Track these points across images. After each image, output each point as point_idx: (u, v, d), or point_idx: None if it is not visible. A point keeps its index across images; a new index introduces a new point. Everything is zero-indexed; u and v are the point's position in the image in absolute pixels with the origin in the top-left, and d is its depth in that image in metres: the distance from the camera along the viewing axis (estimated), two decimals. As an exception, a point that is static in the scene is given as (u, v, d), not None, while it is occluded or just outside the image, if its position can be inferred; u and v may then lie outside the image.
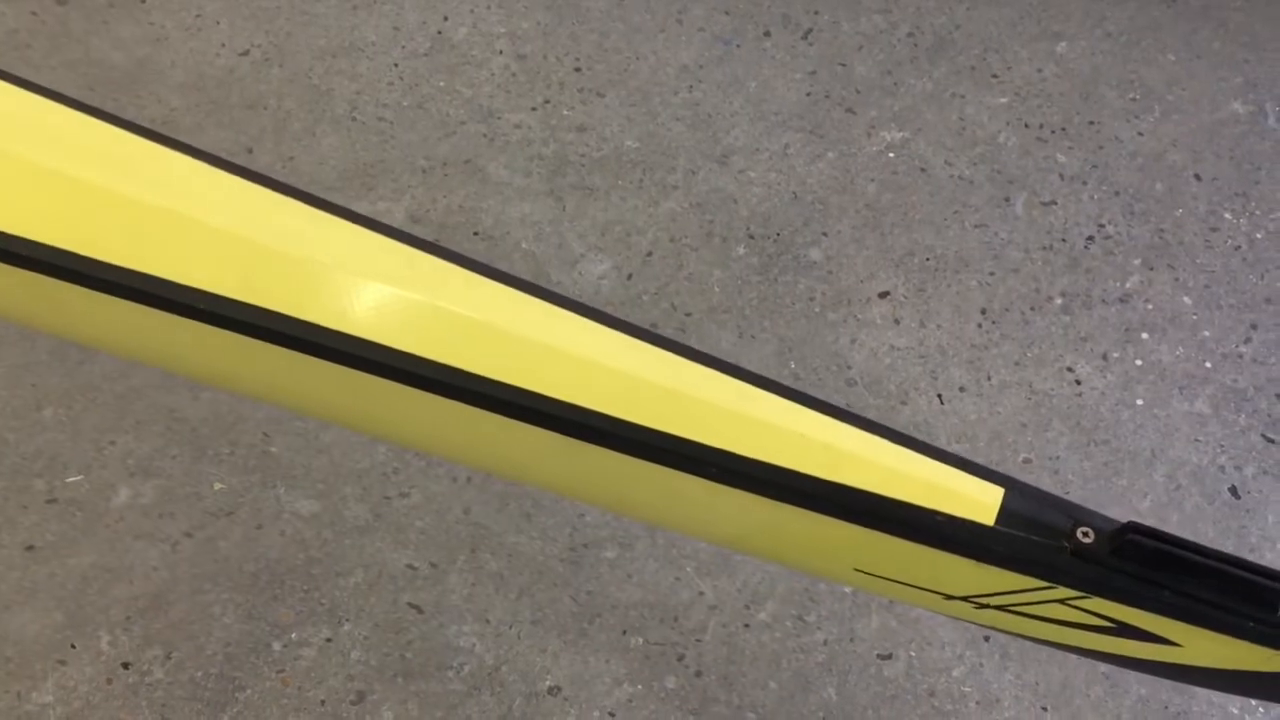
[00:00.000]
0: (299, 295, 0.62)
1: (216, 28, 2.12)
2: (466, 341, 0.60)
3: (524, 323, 0.62)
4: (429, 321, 0.61)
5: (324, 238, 0.66)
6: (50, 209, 0.64)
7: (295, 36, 2.11)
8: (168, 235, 0.63)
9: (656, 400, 0.59)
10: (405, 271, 0.64)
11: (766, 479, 0.56)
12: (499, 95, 2.03)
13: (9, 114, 0.70)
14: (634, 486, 0.63)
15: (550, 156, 1.94)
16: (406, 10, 2.15)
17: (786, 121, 1.98)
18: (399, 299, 0.62)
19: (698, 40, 2.10)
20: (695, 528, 0.69)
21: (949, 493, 0.56)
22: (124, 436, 1.61)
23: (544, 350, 0.60)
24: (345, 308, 0.61)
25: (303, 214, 0.67)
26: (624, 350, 0.62)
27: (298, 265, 0.63)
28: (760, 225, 1.84)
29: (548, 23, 2.13)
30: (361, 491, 1.56)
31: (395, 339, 0.60)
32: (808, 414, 0.59)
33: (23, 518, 1.54)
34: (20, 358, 1.68)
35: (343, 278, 0.63)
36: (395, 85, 2.04)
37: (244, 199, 0.68)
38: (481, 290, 0.63)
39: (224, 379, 0.76)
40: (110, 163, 0.68)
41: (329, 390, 0.64)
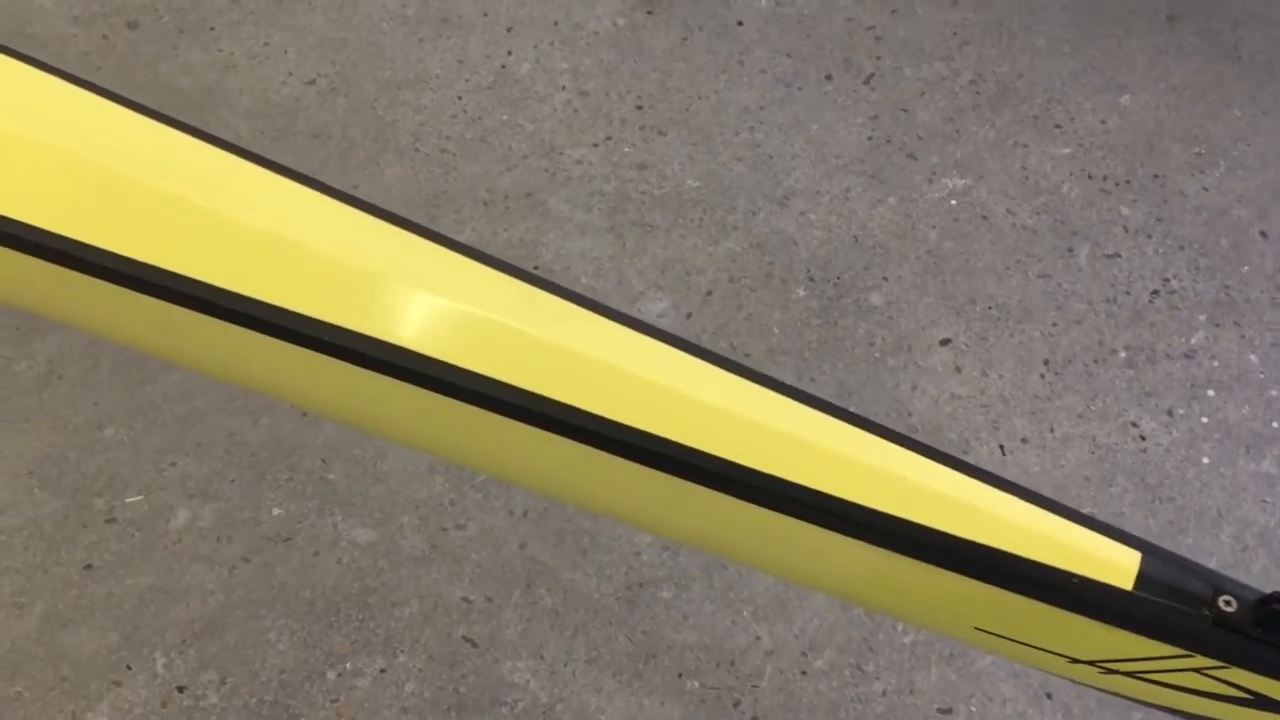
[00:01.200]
0: (401, 321, 0.62)
1: (284, 56, 2.15)
2: (586, 381, 0.60)
3: (647, 364, 0.62)
4: (548, 359, 0.61)
5: (436, 267, 0.66)
6: (160, 232, 0.64)
7: (361, 67, 2.14)
8: (284, 262, 0.63)
9: (784, 447, 0.58)
10: (517, 304, 0.64)
11: (904, 535, 0.55)
12: (561, 131, 2.04)
13: (108, 129, 0.70)
14: (751, 534, 0.62)
15: (611, 193, 1.95)
16: (471, 44, 2.17)
17: (848, 165, 1.98)
18: (517, 335, 0.61)
19: (759, 82, 2.11)
20: (810, 577, 0.68)
21: (1085, 555, 0.55)
22: (184, 458, 1.61)
23: (676, 397, 0.60)
24: (460, 341, 0.61)
25: (397, 237, 0.67)
26: (744, 393, 0.62)
27: (398, 289, 0.62)
28: (820, 268, 1.84)
29: (610, 60, 2.15)
30: (418, 522, 1.56)
31: (510, 375, 0.60)
32: (937, 468, 0.58)
33: (82, 536, 1.54)
34: (83, 376, 1.69)
35: (453, 306, 0.62)
36: (459, 118, 2.06)
37: (344, 222, 0.68)
38: (597, 328, 0.63)
39: (320, 405, 0.75)
40: (215, 185, 0.68)
41: (444, 425, 0.64)
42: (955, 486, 0.57)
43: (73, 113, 0.70)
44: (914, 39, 2.17)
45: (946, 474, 0.58)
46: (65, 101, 0.70)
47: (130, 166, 0.66)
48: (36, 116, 0.68)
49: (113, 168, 0.65)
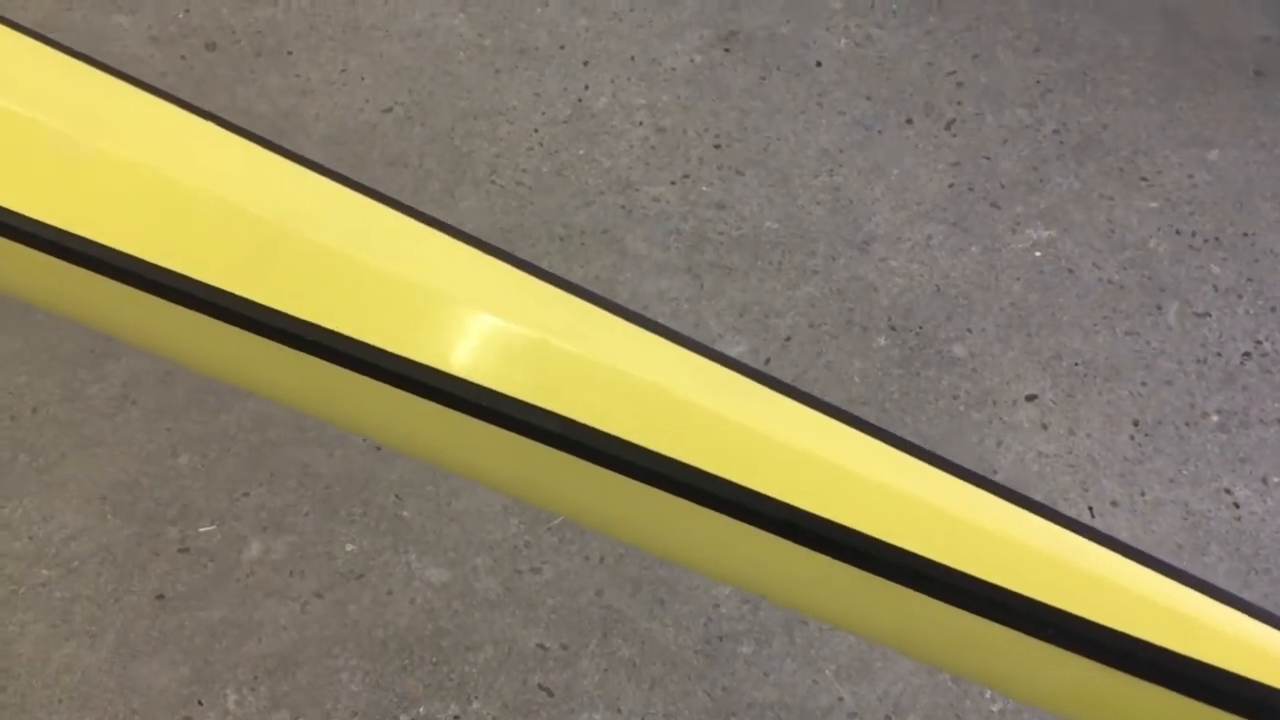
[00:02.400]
0: (487, 359, 0.58)
1: (360, 83, 2.14)
2: (695, 430, 0.57)
3: (804, 433, 0.59)
4: (648, 403, 0.58)
5: (522, 296, 0.63)
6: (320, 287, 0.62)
7: (437, 96, 2.13)
8: (374, 293, 0.60)
9: (969, 539, 0.55)
10: (618, 341, 0.61)
11: (1117, 648, 0.52)
12: (638, 167, 2.02)
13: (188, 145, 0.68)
14: (921, 627, 0.59)
15: (689, 232, 1.93)
16: (547, 77, 2.16)
17: (929, 212, 1.95)
18: (618, 376, 0.58)
19: (839, 124, 2.09)
20: (922, 652, 0.64)
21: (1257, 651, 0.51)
22: (258, 489, 1.60)
23: (801, 456, 0.57)
24: (557, 386, 0.58)
25: (476, 262, 0.65)
26: (911, 471, 0.58)
27: (475, 320, 0.59)
28: (902, 317, 1.81)
29: (688, 97, 2.13)
30: (493, 563, 1.54)
31: (612, 423, 0.57)
32: (1128, 565, 0.55)
33: (154, 565, 1.53)
34: (158, 402, 1.68)
35: (557, 346, 0.59)
36: (535, 151, 2.05)
37: (432, 249, 0.65)
38: (693, 366, 0.60)
39: (405, 442, 0.71)
40: (314, 214, 0.65)
41: (537, 471, 0.61)
42: (1155, 588, 0.54)
43: (149, 123, 0.68)
44: (996, 85, 2.14)
45: (1134, 569, 0.54)
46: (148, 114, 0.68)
47: (223, 188, 0.63)
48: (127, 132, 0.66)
49: (207, 192, 0.63)
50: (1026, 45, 2.21)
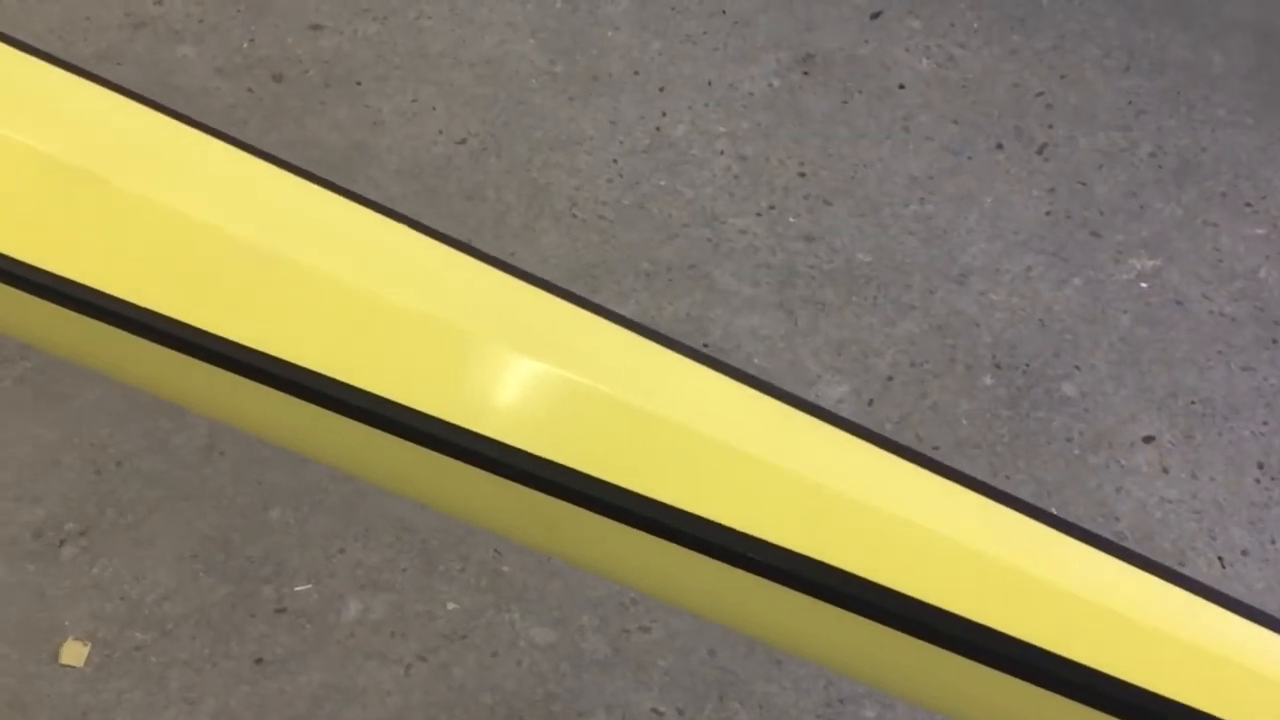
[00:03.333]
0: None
1: (433, 114, 2.09)
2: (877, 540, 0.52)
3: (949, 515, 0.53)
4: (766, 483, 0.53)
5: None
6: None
7: (512, 126, 2.08)
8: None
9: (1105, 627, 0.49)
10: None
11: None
12: (722, 198, 1.97)
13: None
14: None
15: (779, 266, 1.87)
16: (624, 104, 2.11)
17: (1027, 242, 1.89)
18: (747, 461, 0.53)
19: (926, 150, 2.03)
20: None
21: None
22: (353, 544, 1.55)
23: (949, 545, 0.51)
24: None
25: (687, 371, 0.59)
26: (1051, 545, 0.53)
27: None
28: (1007, 354, 1.75)
29: (768, 123, 2.08)
30: (599, 622, 1.48)
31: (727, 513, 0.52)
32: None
33: (251, 627, 1.48)
34: (244, 452, 1.63)
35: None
36: (615, 182, 1.99)
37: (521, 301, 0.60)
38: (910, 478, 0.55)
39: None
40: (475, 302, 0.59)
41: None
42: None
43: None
44: (1087, 107, 2.07)
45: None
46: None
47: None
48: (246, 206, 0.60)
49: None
50: (1115, 64, 2.14)
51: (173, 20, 2.23)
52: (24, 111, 0.63)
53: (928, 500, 0.54)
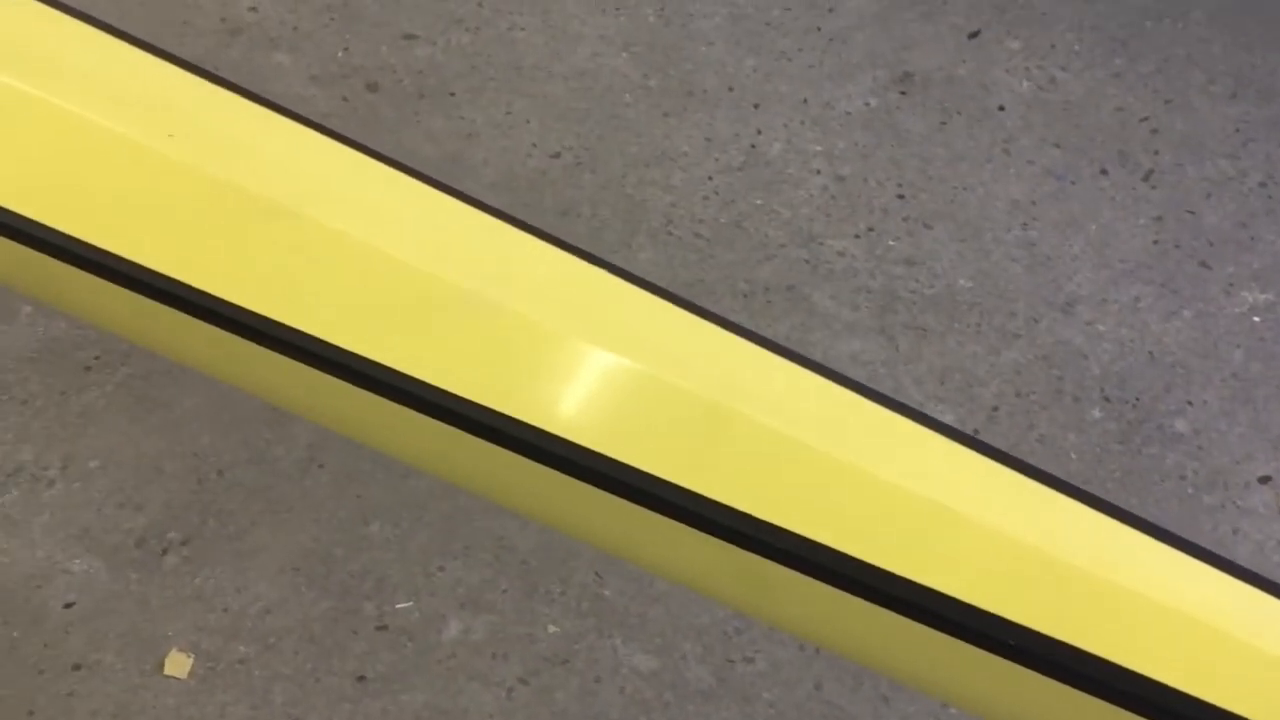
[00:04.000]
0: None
1: (526, 126, 2.09)
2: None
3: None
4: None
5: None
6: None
7: (606, 141, 2.06)
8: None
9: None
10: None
11: None
12: (819, 218, 1.94)
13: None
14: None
15: (878, 290, 1.84)
16: (718, 121, 2.09)
17: (1134, 271, 1.85)
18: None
19: (1028, 173, 1.99)
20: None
21: None
22: (453, 562, 1.54)
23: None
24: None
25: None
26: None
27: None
28: (1116, 387, 1.71)
29: (865, 143, 2.05)
30: (702, 651, 1.46)
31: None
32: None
33: (353, 644, 1.47)
34: (344, 465, 1.63)
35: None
36: (711, 200, 1.97)
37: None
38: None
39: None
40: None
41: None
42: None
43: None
44: (1193, 133, 2.03)
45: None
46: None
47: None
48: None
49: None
50: (1222, 90, 2.09)
51: (268, 27, 2.24)
52: (220, 146, 0.62)
53: (1107, 549, 0.52)
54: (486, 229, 0.61)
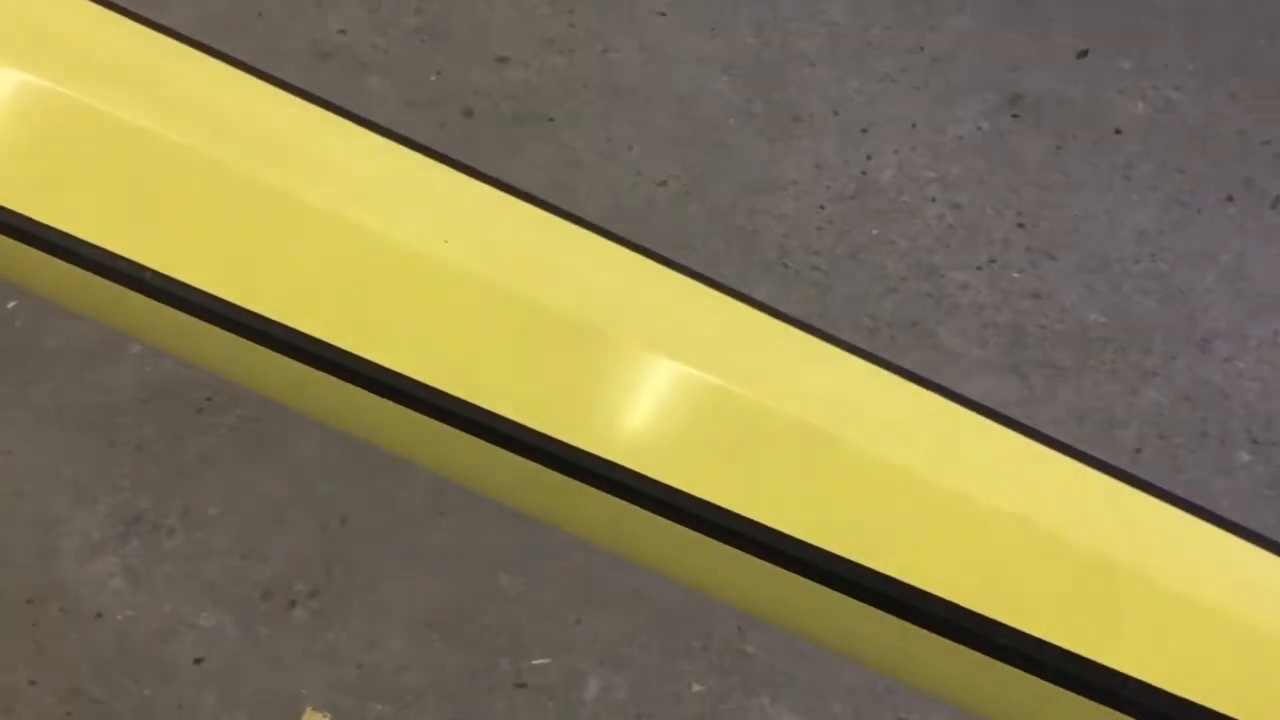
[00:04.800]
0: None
1: (629, 154, 2.04)
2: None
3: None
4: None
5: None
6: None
7: (712, 168, 2.01)
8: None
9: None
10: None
11: None
12: (939, 249, 1.89)
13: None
14: None
15: (1006, 325, 1.79)
16: (825, 146, 2.03)
17: (1271, 305, 1.79)
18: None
19: (1152, 201, 1.93)
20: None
21: None
22: (589, 615, 1.50)
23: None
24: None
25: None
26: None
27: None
28: (1262, 428, 1.65)
29: (980, 169, 1.99)
30: (853, 712, 1.42)
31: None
32: None
33: (492, 701, 1.43)
34: (468, 513, 1.59)
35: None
36: (825, 230, 1.92)
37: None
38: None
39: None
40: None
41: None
42: None
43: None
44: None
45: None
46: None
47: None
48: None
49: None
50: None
51: (358, 51, 2.20)
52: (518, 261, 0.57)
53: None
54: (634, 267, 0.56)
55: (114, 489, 1.61)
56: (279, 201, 0.54)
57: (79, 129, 0.55)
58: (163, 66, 0.59)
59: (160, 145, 0.54)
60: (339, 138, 0.59)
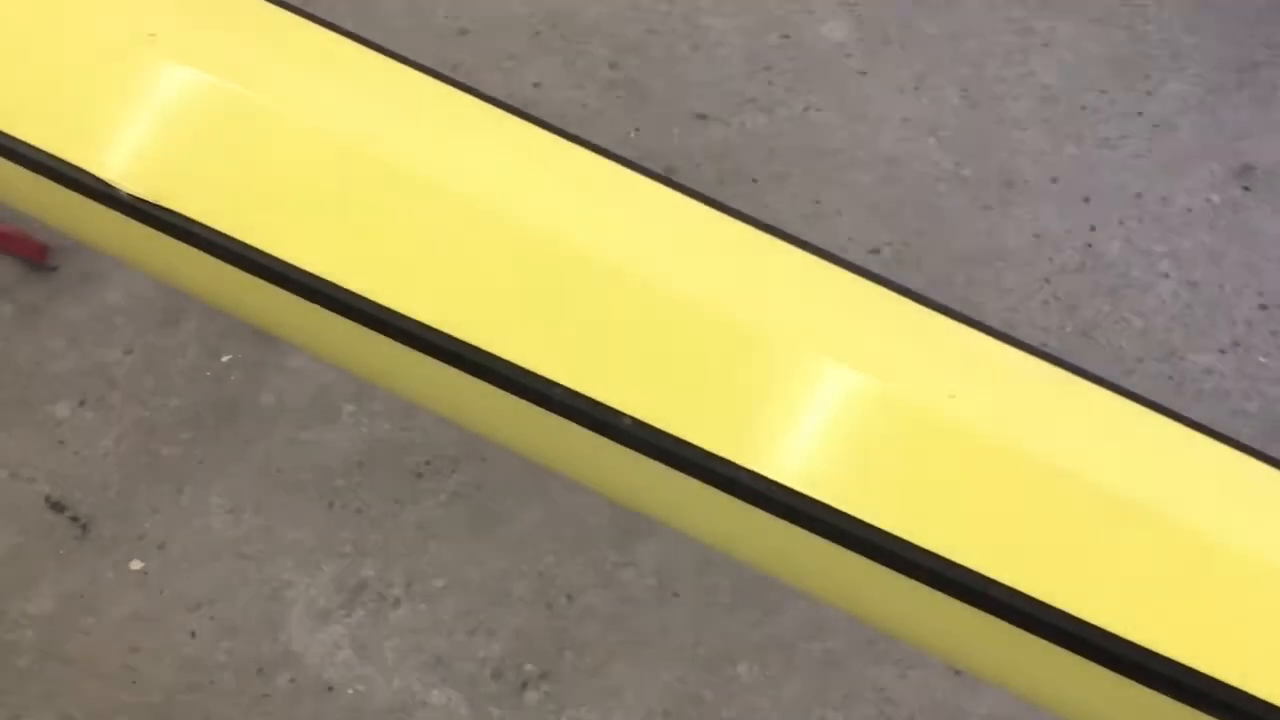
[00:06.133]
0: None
1: (838, 218, 1.98)
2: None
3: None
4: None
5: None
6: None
7: (926, 235, 1.95)
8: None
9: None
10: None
11: None
12: (1176, 329, 1.79)
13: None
14: None
15: (1257, 414, 1.68)
16: (1045, 215, 1.95)
17: None
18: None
19: (1406, 284, 1.82)
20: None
21: None
22: (832, 713, 1.43)
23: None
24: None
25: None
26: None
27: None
28: None
29: (1213, 244, 1.89)
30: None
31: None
32: None
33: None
34: (700, 595, 1.53)
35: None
36: (1051, 305, 1.84)
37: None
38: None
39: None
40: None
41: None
42: None
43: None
44: None
45: None
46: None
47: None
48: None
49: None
50: None
51: (556, 105, 2.18)
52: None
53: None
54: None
55: (337, 555, 1.58)
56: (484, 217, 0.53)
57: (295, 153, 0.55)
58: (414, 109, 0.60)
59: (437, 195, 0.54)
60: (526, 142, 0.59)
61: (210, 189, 0.55)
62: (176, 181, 0.54)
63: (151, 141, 0.54)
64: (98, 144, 0.54)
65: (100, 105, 0.55)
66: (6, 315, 1.83)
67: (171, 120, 0.55)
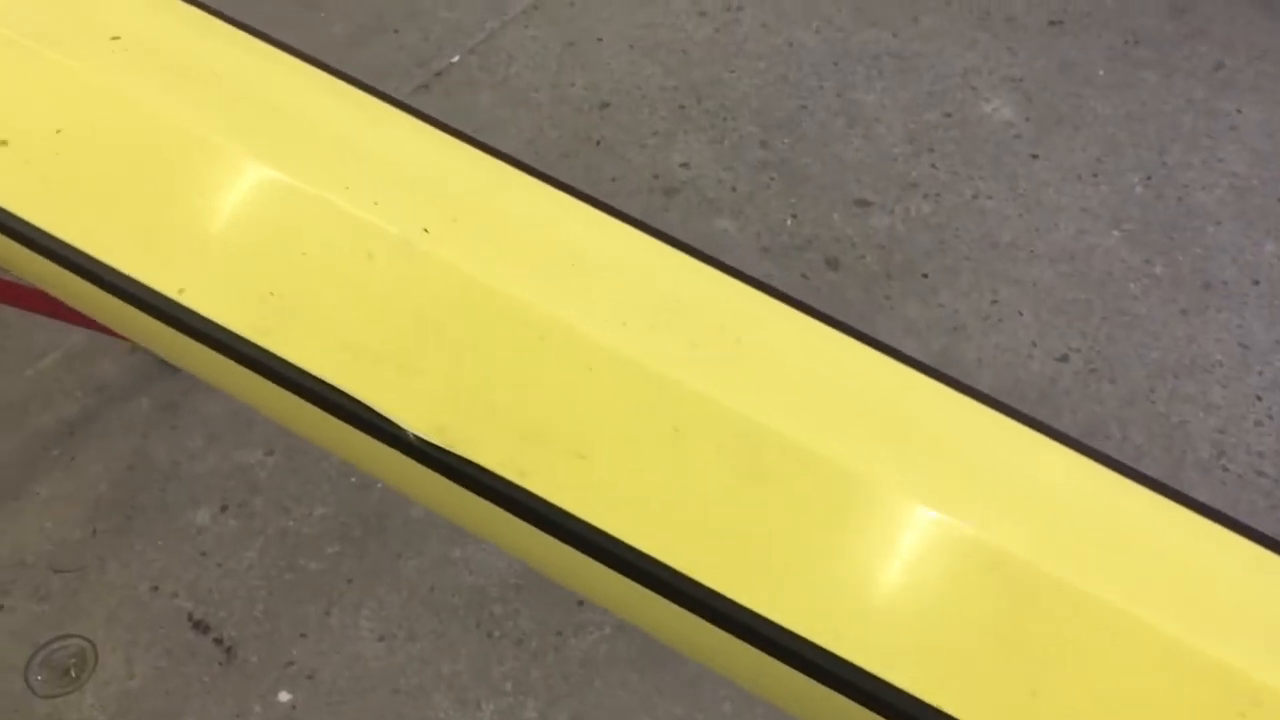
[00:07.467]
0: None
1: (1019, 319, 1.83)
2: None
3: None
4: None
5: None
6: None
7: (1119, 342, 1.79)
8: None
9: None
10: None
11: None
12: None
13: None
14: None
15: None
16: (1250, 322, 1.79)
17: None
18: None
19: None
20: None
21: None
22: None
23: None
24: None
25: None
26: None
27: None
28: None
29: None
30: None
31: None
32: None
33: None
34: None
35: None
36: (1265, 426, 1.68)
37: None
38: None
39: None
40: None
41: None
42: None
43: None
44: None
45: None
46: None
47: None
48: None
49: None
50: None
51: (704, 186, 2.06)
52: None
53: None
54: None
55: (496, 692, 1.47)
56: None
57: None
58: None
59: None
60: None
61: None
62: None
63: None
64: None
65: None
66: (144, 410, 1.75)
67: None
